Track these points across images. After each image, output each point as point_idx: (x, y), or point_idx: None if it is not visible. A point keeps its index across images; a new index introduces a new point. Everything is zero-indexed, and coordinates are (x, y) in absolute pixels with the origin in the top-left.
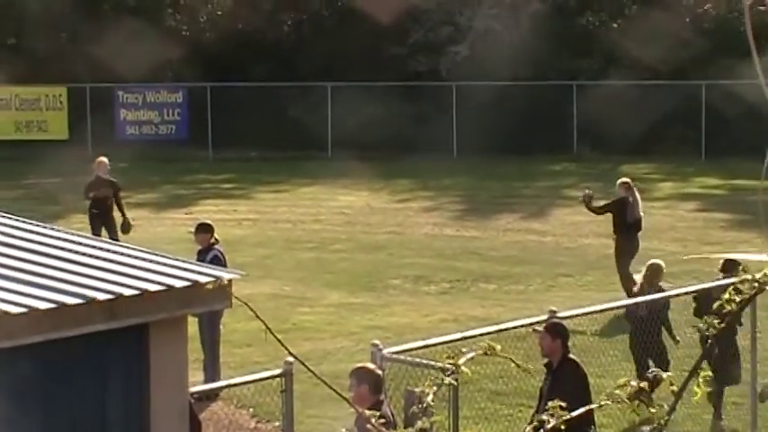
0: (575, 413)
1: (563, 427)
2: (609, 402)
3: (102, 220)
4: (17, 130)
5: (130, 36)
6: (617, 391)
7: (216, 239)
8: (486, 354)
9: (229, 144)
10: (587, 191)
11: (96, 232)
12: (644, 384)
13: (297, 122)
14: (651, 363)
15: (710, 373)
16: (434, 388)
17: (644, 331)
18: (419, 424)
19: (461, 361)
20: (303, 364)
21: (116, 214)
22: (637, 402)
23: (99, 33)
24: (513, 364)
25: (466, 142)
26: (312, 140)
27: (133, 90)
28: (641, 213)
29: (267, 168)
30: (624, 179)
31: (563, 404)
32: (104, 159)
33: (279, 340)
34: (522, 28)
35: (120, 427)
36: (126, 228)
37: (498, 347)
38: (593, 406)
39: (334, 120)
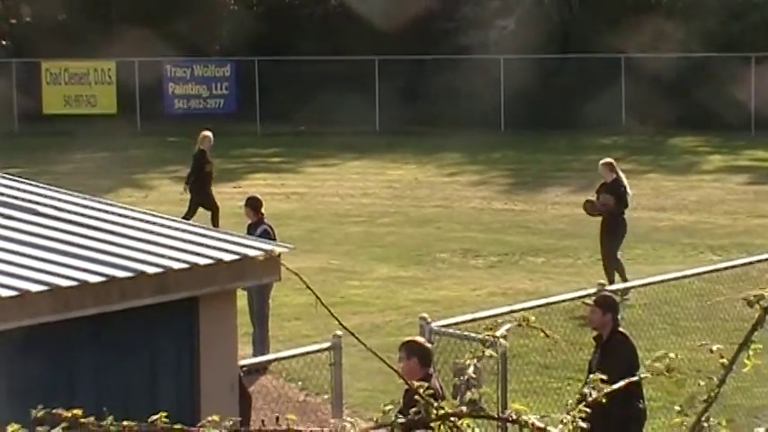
0: (618, 384)
1: (609, 400)
2: (649, 375)
3: (203, 198)
4: (66, 105)
5: (179, 10)
6: (656, 364)
7: (262, 214)
8: (519, 325)
9: (277, 118)
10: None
11: (190, 215)
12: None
13: (345, 96)
14: None
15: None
16: (475, 360)
17: None
18: (468, 395)
19: (499, 333)
20: (354, 335)
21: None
22: (676, 375)
23: (148, 7)
24: (560, 337)
25: (514, 116)
26: (360, 114)
27: (181, 64)
28: (630, 191)
29: (315, 142)
30: (607, 159)
31: (604, 377)
32: (209, 133)
33: (330, 312)
34: (570, 1)
35: (171, 399)
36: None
37: (533, 319)
38: (631, 379)
39: (381, 94)
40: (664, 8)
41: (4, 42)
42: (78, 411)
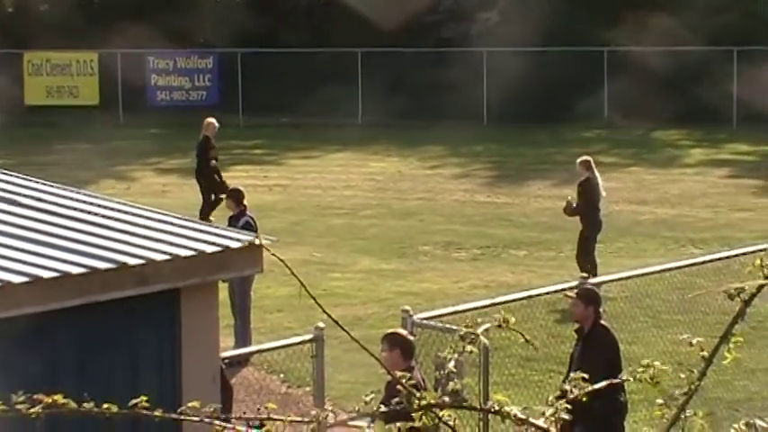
0: (600, 384)
1: (590, 393)
2: (631, 379)
3: (210, 183)
4: (48, 96)
5: (162, 1)
6: (639, 370)
7: (244, 206)
8: (500, 326)
9: (260, 110)
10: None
11: (215, 205)
12: (665, 368)
13: (327, 89)
14: None
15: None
16: (455, 355)
17: None
18: (451, 385)
19: (479, 330)
20: (339, 324)
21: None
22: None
23: None
24: (541, 330)
25: (496, 109)
26: (343, 107)
27: (164, 56)
28: (603, 192)
29: (298, 134)
30: (585, 157)
31: (585, 375)
32: (213, 120)
33: (315, 300)
34: None
35: (152, 391)
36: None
37: (513, 320)
38: (614, 381)
39: (364, 86)
40: (648, 2)
41: None
42: (58, 396)
